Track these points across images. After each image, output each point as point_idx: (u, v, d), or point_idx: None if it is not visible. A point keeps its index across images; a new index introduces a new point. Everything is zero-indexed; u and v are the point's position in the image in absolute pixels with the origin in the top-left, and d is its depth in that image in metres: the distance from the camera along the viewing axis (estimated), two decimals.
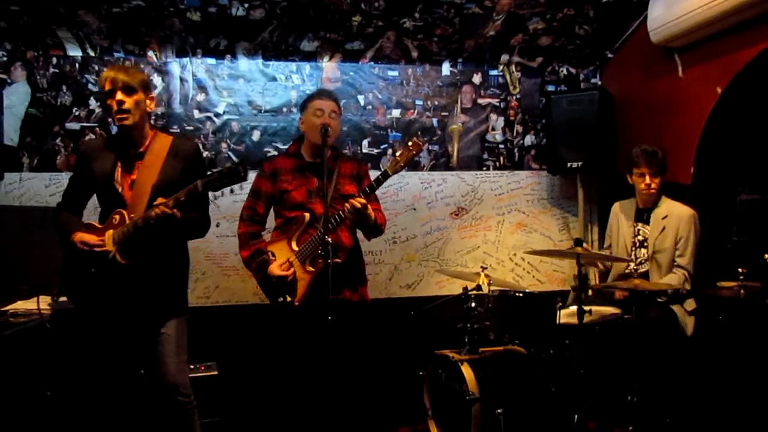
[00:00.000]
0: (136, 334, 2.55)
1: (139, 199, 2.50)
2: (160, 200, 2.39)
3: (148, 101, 2.57)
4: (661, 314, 3.23)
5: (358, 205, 2.75)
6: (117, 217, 2.50)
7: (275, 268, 2.91)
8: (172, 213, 2.37)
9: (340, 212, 2.80)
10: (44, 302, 2.97)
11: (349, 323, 2.95)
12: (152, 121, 2.68)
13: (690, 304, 3.28)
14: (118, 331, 2.54)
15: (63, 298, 2.90)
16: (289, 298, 2.90)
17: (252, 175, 2.96)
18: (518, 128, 4.38)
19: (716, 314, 3.19)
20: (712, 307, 3.23)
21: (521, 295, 3.25)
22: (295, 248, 2.93)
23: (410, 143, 2.76)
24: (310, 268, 2.87)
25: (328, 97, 3.06)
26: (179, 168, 2.56)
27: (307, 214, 2.92)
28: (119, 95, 2.46)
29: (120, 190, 2.53)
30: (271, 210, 3.15)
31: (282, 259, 2.94)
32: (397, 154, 2.76)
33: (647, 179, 3.35)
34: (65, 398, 2.76)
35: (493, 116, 4.34)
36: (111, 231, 2.49)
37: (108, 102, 2.50)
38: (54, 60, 3.81)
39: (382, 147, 4.19)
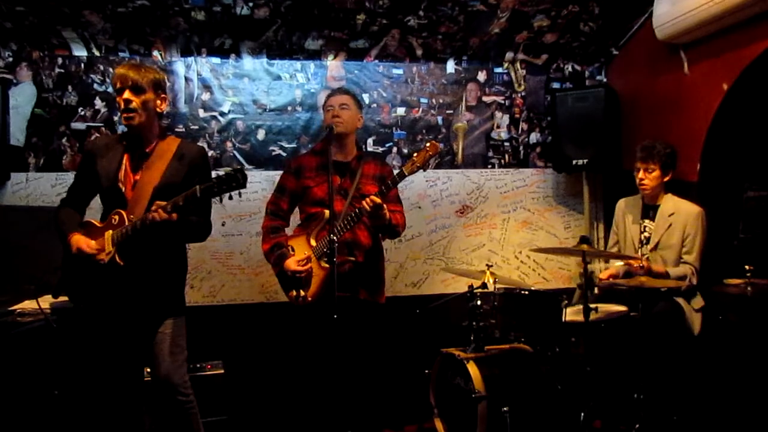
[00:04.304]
0: (134, 334, 2.54)
1: (139, 200, 2.46)
2: (158, 203, 2.34)
3: (158, 101, 2.52)
4: (667, 311, 3.22)
5: (371, 205, 2.77)
6: (116, 217, 2.46)
7: (291, 263, 2.95)
8: (168, 218, 2.31)
9: (355, 211, 2.83)
10: (45, 302, 2.99)
11: (359, 322, 2.96)
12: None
13: (697, 301, 3.27)
14: (116, 330, 2.52)
15: (62, 298, 2.92)
16: (302, 293, 2.94)
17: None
18: (523, 126, 4.37)
19: (723, 312, 3.18)
20: (719, 305, 3.21)
21: (527, 293, 3.25)
22: (313, 244, 2.98)
23: (428, 144, 2.77)
24: (325, 265, 2.89)
25: (338, 92, 3.11)
26: (183, 171, 2.52)
27: (326, 211, 2.92)
28: (127, 94, 2.43)
29: (123, 190, 2.49)
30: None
31: (300, 254, 2.98)
32: (414, 155, 2.77)
33: (641, 174, 3.35)
34: (72, 397, 2.77)
35: (498, 114, 4.33)
36: (110, 231, 2.45)
37: (117, 100, 2.47)
38: (59, 60, 3.82)
39: (386, 145, 4.19)
